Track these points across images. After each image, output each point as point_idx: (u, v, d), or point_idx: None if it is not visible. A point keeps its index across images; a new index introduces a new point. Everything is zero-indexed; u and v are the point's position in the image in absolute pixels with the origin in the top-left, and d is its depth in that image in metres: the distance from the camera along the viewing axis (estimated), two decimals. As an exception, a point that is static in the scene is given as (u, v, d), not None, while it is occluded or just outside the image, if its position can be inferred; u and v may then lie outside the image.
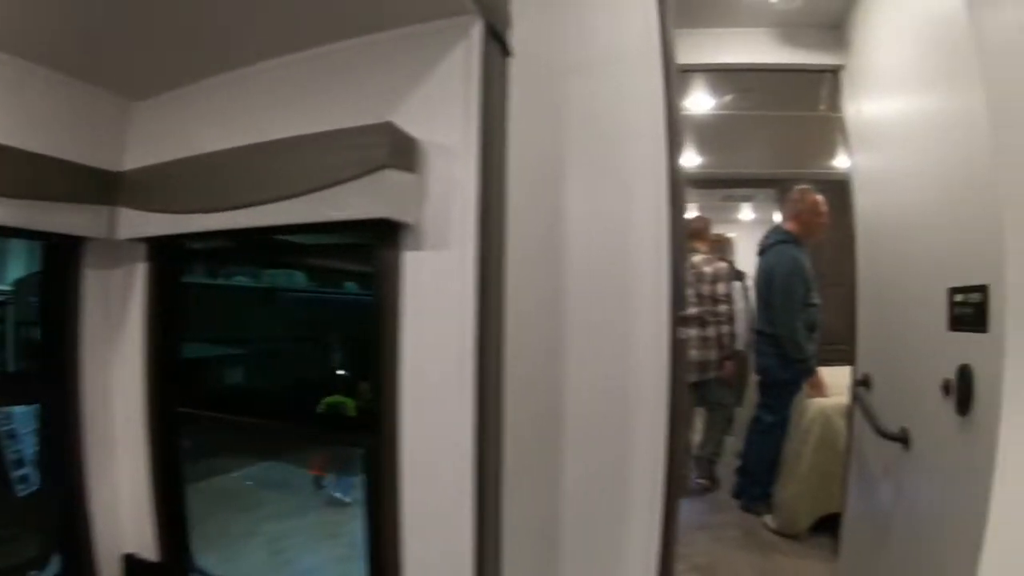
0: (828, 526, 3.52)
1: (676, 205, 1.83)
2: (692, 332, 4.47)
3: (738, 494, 4.41)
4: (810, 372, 3.87)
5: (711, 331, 4.67)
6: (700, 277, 4.69)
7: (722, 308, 4.73)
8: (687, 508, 4.32)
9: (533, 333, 1.64)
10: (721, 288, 4.73)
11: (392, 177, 1.65)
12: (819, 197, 4.13)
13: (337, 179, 1.68)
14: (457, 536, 1.64)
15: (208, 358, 3.96)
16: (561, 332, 1.77)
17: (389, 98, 1.76)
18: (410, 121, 1.70)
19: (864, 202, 2.83)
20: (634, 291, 1.68)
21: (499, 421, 1.67)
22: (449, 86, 1.71)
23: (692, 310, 4.51)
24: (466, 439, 1.62)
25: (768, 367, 4.09)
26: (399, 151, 1.68)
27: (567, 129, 1.78)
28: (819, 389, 3.84)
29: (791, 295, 3.89)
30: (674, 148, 1.86)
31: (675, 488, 2.00)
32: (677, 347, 1.79)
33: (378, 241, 1.78)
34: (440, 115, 1.71)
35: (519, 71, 1.76)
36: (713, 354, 4.67)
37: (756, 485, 4.24)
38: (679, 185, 1.89)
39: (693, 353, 4.51)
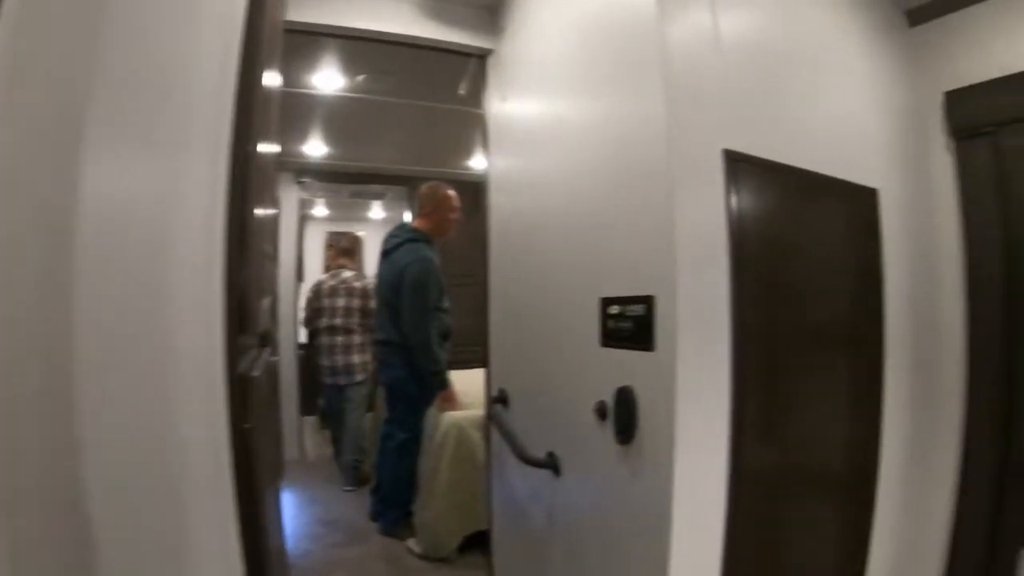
0: (480, 543, 3.29)
1: (244, 191, 1.25)
2: (339, 339, 4.92)
3: (376, 517, 3.99)
4: (444, 384, 3.59)
5: (356, 339, 4.97)
6: (351, 292, 4.99)
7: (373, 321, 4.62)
8: (322, 541, 3.77)
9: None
10: (373, 304, 4.73)
11: None
12: (451, 192, 3.88)
13: None
14: None
15: None
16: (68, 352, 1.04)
17: None
18: None
19: (500, 201, 2.61)
20: (172, 305, 1.05)
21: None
22: None
23: (337, 321, 4.94)
24: None
25: (397, 380, 3.69)
26: None
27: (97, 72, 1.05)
28: (452, 403, 3.60)
29: (425, 299, 3.53)
30: (247, 120, 1.28)
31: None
32: (239, 384, 1.22)
33: None
34: None
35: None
36: (356, 359, 4.97)
37: (394, 507, 3.86)
38: (253, 167, 1.33)
39: (339, 359, 4.92)
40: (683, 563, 1.45)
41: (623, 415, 1.56)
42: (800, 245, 1.80)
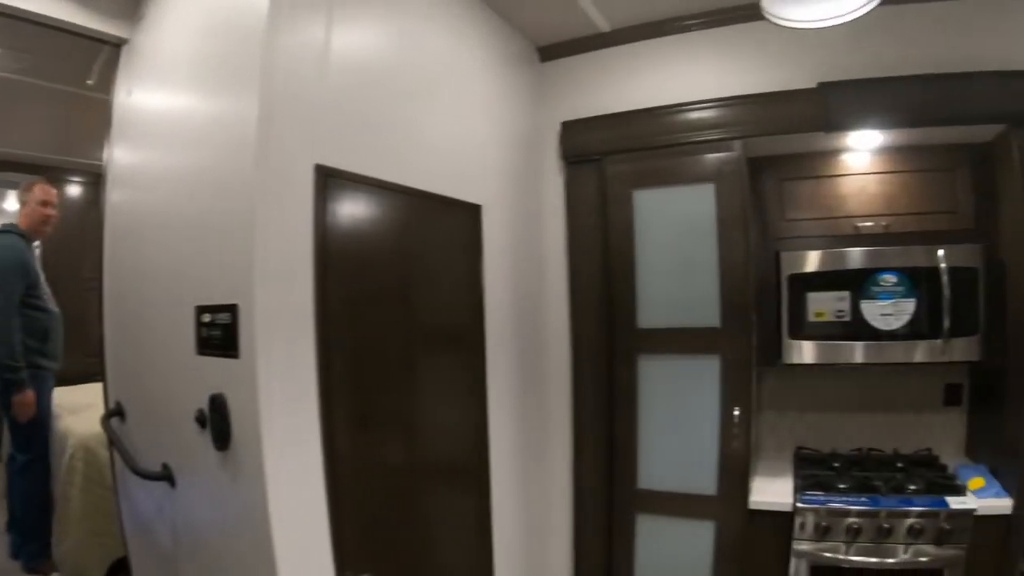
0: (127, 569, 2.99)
1: None
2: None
3: (15, 554, 3.42)
4: (15, 384, 3.14)
5: None
6: None
7: None
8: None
9: None
10: None
11: None
12: (43, 187, 3.51)
13: None
14: None
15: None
16: None
17: None
18: None
19: (116, 200, 2.38)
20: None
21: None
22: None
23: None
24: None
25: None
26: None
27: None
28: (27, 408, 3.17)
29: (6, 291, 3.12)
30: None
31: None
32: None
33: None
34: None
35: None
36: None
37: (33, 539, 3.34)
38: None
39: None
40: (292, 560, 1.50)
41: (218, 422, 1.56)
42: (403, 255, 1.94)
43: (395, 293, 1.92)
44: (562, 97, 2.69)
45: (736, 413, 2.34)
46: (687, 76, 2.52)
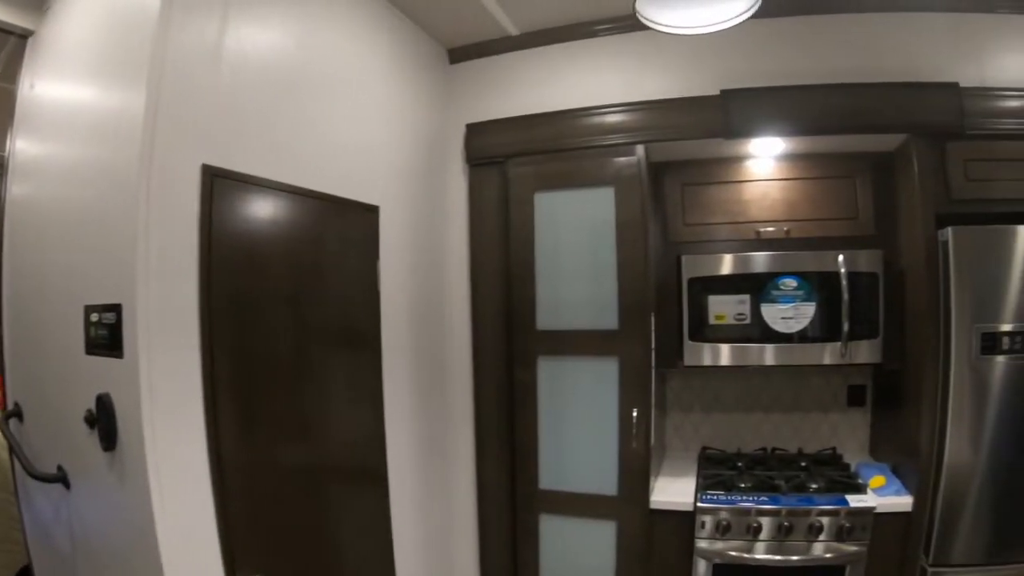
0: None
1: None
2: None
3: None
4: None
5: None
6: None
7: None
8: None
9: None
10: None
11: None
12: None
13: None
14: None
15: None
16: None
17: None
18: None
19: (18, 193, 2.33)
20: None
21: None
22: None
23: None
24: None
25: None
26: None
27: None
28: None
29: None
30: None
31: None
32: None
33: None
34: None
35: None
36: None
37: None
38: None
39: None
40: (179, 561, 1.49)
41: (105, 422, 1.55)
42: (296, 256, 1.94)
43: (287, 294, 1.91)
44: (470, 99, 2.70)
45: (635, 414, 2.38)
46: (593, 81, 2.55)
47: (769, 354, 2.46)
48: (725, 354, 2.49)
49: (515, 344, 2.55)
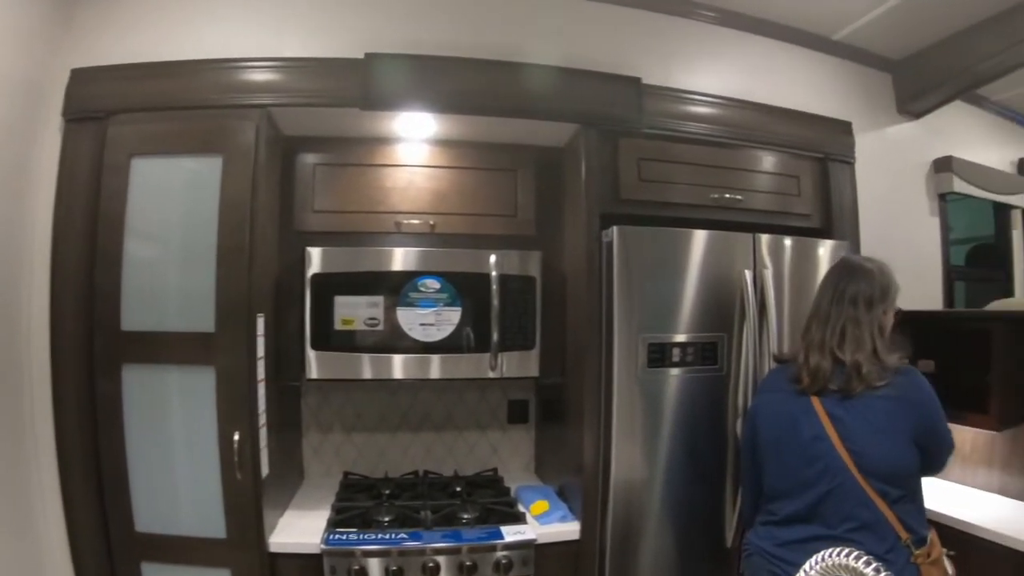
0: None
1: None
2: None
3: None
4: None
5: None
6: None
7: None
8: None
9: None
10: None
11: None
12: None
13: None
14: None
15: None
16: None
17: None
18: None
19: None
20: None
21: None
22: None
23: None
24: None
25: None
26: None
27: None
28: None
29: None
30: None
31: None
32: None
33: None
34: None
35: None
36: None
37: None
38: None
39: None
40: None
41: None
42: None
43: None
44: (88, 39, 2.14)
45: (236, 438, 1.94)
46: (228, 31, 2.14)
47: (406, 366, 2.12)
48: (353, 365, 2.10)
49: (97, 346, 2.00)
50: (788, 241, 2.19)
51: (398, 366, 2.12)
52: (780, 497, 1.63)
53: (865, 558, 0.87)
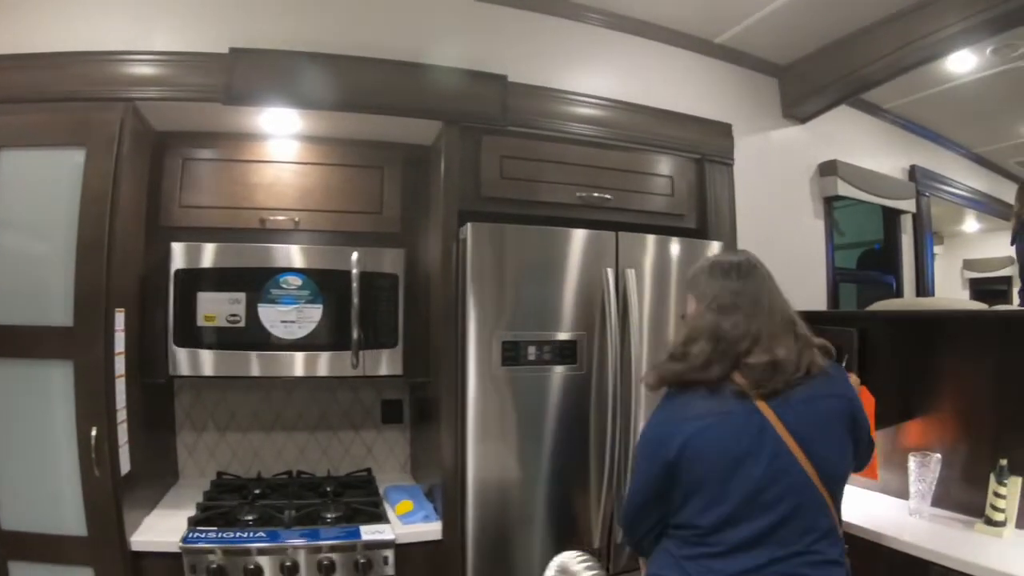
0: None
1: None
2: None
3: None
4: None
5: None
6: None
7: None
8: None
9: None
10: None
11: None
12: None
13: None
14: None
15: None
16: None
17: None
18: None
19: None
20: None
21: None
22: None
23: None
24: None
25: None
26: None
27: None
28: None
29: None
30: None
31: None
32: None
33: None
34: None
35: None
36: None
37: None
38: None
39: None
40: None
41: None
42: None
43: None
44: None
45: (93, 434, 1.91)
46: (102, 22, 2.11)
47: (268, 363, 2.11)
48: (214, 362, 2.09)
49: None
50: (651, 240, 2.22)
51: (260, 363, 2.11)
52: (722, 528, 1.38)
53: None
